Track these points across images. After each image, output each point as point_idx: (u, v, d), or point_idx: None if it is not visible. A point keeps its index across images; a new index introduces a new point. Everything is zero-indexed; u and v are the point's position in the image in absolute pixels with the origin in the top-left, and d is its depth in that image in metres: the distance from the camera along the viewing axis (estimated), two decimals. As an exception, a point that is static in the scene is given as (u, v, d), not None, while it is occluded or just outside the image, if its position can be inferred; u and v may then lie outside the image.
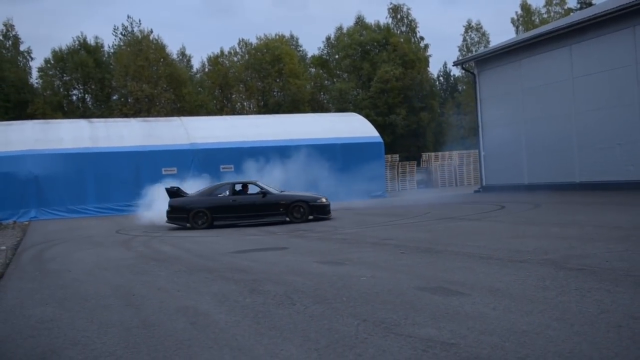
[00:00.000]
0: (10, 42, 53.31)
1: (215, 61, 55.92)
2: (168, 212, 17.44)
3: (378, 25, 58.84)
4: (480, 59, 29.79)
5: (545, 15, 58.24)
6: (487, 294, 5.72)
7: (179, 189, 17.86)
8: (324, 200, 17.59)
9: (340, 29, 60.11)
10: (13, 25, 53.37)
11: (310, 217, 17.11)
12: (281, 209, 17.03)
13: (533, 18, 58.79)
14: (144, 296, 6.87)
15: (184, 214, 17.12)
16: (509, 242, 9.66)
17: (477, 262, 7.74)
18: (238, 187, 17.90)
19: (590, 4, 45.15)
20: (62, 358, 4.48)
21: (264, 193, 17.24)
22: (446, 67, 64.74)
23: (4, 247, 13.89)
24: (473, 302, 5.41)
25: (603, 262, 7.02)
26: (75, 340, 4.97)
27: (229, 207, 17.12)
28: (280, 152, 23.77)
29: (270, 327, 5.00)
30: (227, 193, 17.47)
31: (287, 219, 16.98)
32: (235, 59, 56.69)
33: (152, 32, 52.50)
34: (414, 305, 5.43)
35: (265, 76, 52.51)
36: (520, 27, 58.45)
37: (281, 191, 18.16)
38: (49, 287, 8.07)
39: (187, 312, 5.79)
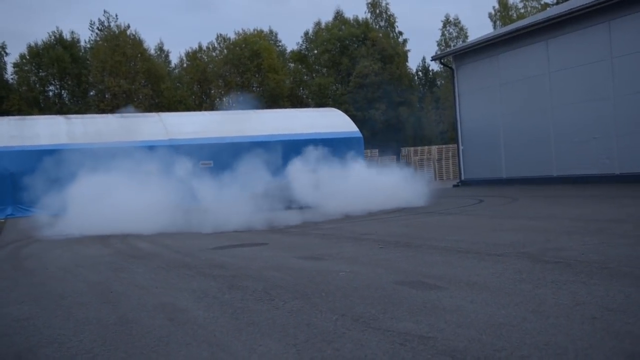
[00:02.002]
0: (-16, 37, 52.53)
1: (193, 56, 55.63)
2: None
3: (357, 20, 58.94)
4: (458, 53, 29.95)
5: (522, 10, 58.73)
6: (464, 287, 5.77)
7: None
8: None
9: (318, 24, 60.17)
10: (-13, 20, 52.61)
11: None
12: None
13: (510, 13, 59.27)
14: (121, 293, 6.82)
15: None
16: (487, 235, 9.74)
17: (455, 256, 7.80)
18: None
19: (567, -1, 45.55)
20: (38, 357, 4.44)
21: None
22: (425, 62, 65.06)
23: (-21, 245, 13.71)
24: (451, 295, 5.45)
25: (579, 255, 7.11)
26: (52, 339, 4.93)
27: None
28: (259, 147, 23.71)
29: (249, 323, 4.99)
30: None
31: None
32: (214, 54, 56.44)
33: (129, 27, 52.12)
34: (393, 300, 5.46)
35: (244, 71, 52.32)
36: (498, 22, 58.93)
37: None
38: (25, 285, 7.98)
39: (165, 309, 5.76)
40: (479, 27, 71.25)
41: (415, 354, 3.85)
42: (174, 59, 61.20)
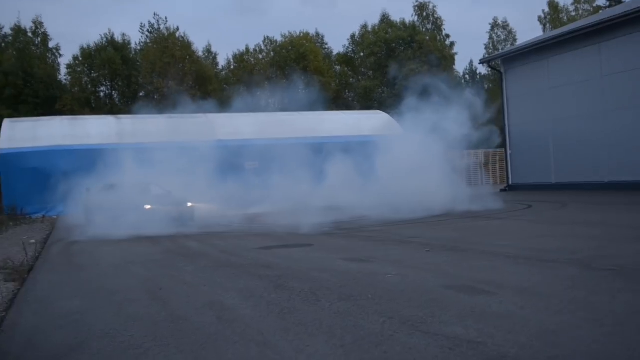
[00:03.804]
0: (39, 39, 54.07)
1: (240, 59, 56.18)
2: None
3: (404, 23, 58.64)
4: (507, 57, 29.50)
5: (573, 13, 57.53)
6: (514, 293, 5.67)
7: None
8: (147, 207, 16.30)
9: (365, 26, 60.01)
10: (42, 23, 54.09)
11: None
12: None
13: (561, 16, 58.10)
14: (171, 290, 6.93)
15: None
16: (536, 241, 9.57)
17: (504, 262, 7.68)
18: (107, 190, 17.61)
19: (620, 1, 44.45)
20: (91, 349, 4.53)
21: None
22: (472, 65, 64.26)
23: (33, 241, 14.09)
24: (500, 301, 5.36)
25: (632, 263, 6.92)
26: (104, 333, 5.03)
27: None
28: (304, 149, 23.75)
29: (296, 323, 5.00)
30: (95, 194, 17.42)
31: None
32: (261, 56, 56.89)
33: (178, 29, 52.93)
34: (440, 304, 5.40)
35: (290, 74, 52.62)
36: (548, 25, 57.83)
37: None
38: (77, 280, 8.18)
39: (213, 307, 5.82)
40: (528, 31, 70.16)
41: (465, 358, 3.81)
42: (222, 61, 61.94)
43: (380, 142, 20.81)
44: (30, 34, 53.52)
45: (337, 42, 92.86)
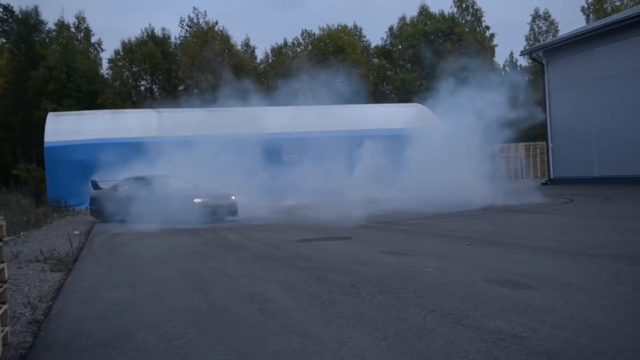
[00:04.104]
0: (82, 34, 55.10)
1: (278, 52, 56.37)
2: (89, 204, 18.75)
3: (442, 14, 58.07)
4: (549, 48, 28.98)
5: (617, 3, 56.18)
6: (558, 287, 5.59)
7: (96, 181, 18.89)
8: (198, 200, 16.09)
9: (403, 18, 59.60)
10: (84, 18, 55.14)
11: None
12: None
13: (605, 6, 56.81)
14: (212, 282, 7.01)
15: (99, 206, 17.97)
16: (579, 235, 9.41)
17: (547, 256, 7.57)
18: (136, 183, 17.48)
19: (667, -9, 43.25)
20: (136, 339, 4.62)
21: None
22: (512, 57, 63.30)
23: (77, 232, 14.39)
24: (544, 295, 5.29)
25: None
26: (148, 323, 5.12)
27: (126, 203, 16.12)
28: (343, 142, 23.72)
29: (337, 315, 5.01)
30: (126, 187, 17.47)
31: None
32: (299, 49, 56.99)
33: (217, 23, 53.33)
34: (482, 298, 5.35)
35: (328, 67, 52.62)
36: (591, 15, 56.61)
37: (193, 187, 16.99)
38: (120, 271, 8.33)
39: (254, 298, 5.87)
40: (570, 22, 68.74)
41: (510, 353, 3.77)
42: (260, 55, 62.24)
43: (417, 135, 20.65)
44: (73, 29, 54.60)
45: (375, 35, 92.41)
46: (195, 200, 15.89)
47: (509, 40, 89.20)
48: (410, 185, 17.38)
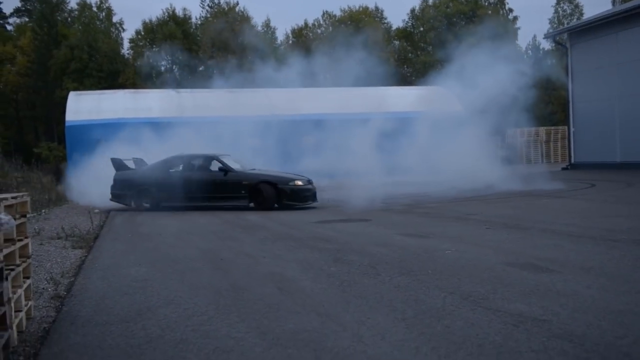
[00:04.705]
0: (103, 13, 55.29)
1: (299, 33, 56.16)
2: (112, 188, 15.23)
3: (465, -4, 57.41)
4: (574, 31, 28.55)
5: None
6: (579, 272, 5.55)
7: (141, 160, 15.78)
8: (299, 182, 14.11)
9: (425, 0, 59.01)
10: (106, -3, 55.24)
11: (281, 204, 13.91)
12: (243, 191, 14.03)
13: (632, -12, 55.79)
14: (231, 261, 7.05)
15: (128, 190, 14.94)
16: (600, 220, 9.31)
17: (567, 240, 7.51)
18: (196, 162, 15.06)
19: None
20: (157, 315, 4.66)
21: (225, 170, 14.31)
22: (535, 41, 62.47)
23: (97, 210, 14.54)
24: (565, 279, 5.25)
25: None
26: (169, 300, 5.16)
27: (179, 185, 14.21)
28: (360, 124, 23.64)
29: (356, 296, 5.02)
30: (181, 168, 14.85)
31: (251, 204, 14.05)
32: (319, 31, 56.73)
33: (237, 3, 53.20)
34: (502, 280, 5.33)
35: (349, 48, 52.34)
36: (618, -3, 55.59)
37: (252, 169, 15.04)
38: (141, 249, 8.41)
39: (274, 278, 5.90)
40: (595, 5, 67.57)
41: (530, 335, 3.75)
42: (280, 36, 62.04)
43: (435, 118, 20.47)
44: (95, 9, 54.77)
45: (397, 17, 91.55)
46: (297, 183, 14.07)
47: (533, 24, 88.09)
48: (429, 169, 17.28)
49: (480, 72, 18.49)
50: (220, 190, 14.21)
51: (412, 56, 58.09)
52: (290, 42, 57.02)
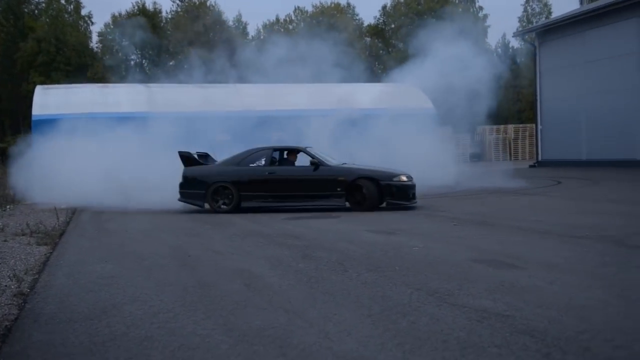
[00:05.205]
0: (72, 6, 54.44)
1: (270, 28, 56.01)
2: (180, 186, 12.89)
3: (436, -7, 57.78)
4: (542, 30, 28.95)
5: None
6: (544, 268, 5.63)
7: (207, 155, 13.84)
8: (403, 178, 12.03)
9: (397, -3, 59.30)
10: (75, -10, 54.43)
11: (384, 203, 11.93)
12: (338, 189, 11.96)
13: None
14: (199, 257, 7.01)
15: (201, 189, 12.63)
16: (566, 217, 9.47)
17: (533, 237, 7.62)
18: (281, 155, 13.13)
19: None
20: (122, 312, 4.61)
21: (315, 164, 12.24)
22: (505, 39, 63.14)
23: (64, 206, 14.32)
24: (529, 275, 5.33)
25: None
26: (135, 297, 5.12)
27: (263, 183, 12.37)
28: (330, 120, 23.64)
29: (324, 292, 5.03)
30: (264, 162, 12.61)
31: (347, 203, 12.04)
32: (291, 26, 56.63)
33: (209, -2, 52.83)
34: (468, 277, 5.39)
35: (320, 45, 52.37)
36: (585, -3, 56.46)
37: (343, 163, 12.95)
38: (107, 246, 8.31)
39: (241, 275, 5.88)
40: (564, 4, 68.59)
41: (494, 331, 3.80)
42: (252, 32, 61.91)
43: (400, 114, 20.50)
44: (63, 1, 53.90)
45: (369, 14, 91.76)
46: (402, 178, 12.01)
47: (502, 22, 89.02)
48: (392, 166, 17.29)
49: (448, 69, 18.62)
50: (310, 188, 12.20)
51: (383, 53, 58.28)
52: (262, 37, 56.84)
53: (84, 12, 55.03)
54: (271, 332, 3.98)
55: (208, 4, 52.62)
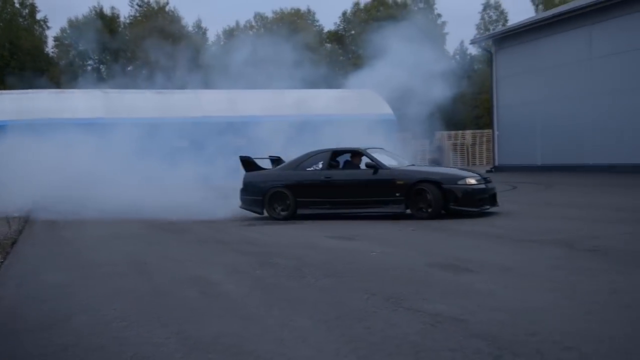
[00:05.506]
0: (26, 10, 53.35)
1: (230, 34, 55.79)
2: (240, 192, 12.18)
3: (396, 1, 58.42)
4: (498, 37, 29.48)
5: (565, -5, 57.40)
6: (497, 272, 5.73)
7: (279, 158, 12.77)
8: (471, 181, 10.67)
9: (357, 4, 59.71)
10: (30, -6, 53.35)
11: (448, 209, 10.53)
12: (397, 194, 10.68)
13: (553, -3, 57.92)
14: (155, 265, 6.93)
15: (258, 195, 11.81)
16: (520, 222, 9.64)
17: (489, 241, 7.74)
18: (340, 158, 12.06)
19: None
20: (74, 323, 4.53)
21: (373, 167, 11.05)
22: (463, 46, 64.11)
23: (16, 215, 13.99)
24: (483, 279, 5.41)
25: (614, 244, 7.00)
26: (87, 306, 5.03)
27: (319, 188, 11.39)
28: (290, 126, 23.64)
29: (280, 299, 5.03)
30: (321, 166, 11.62)
31: (408, 210, 10.74)
32: (251, 32, 56.51)
33: (168, 3, 52.40)
34: (424, 281, 5.45)
35: (280, 50, 52.40)
36: (540, 5, 57.69)
37: (409, 165, 11.97)
38: (61, 254, 8.16)
39: (198, 282, 5.83)
40: (520, 12, 69.94)
41: (447, 335, 3.84)
42: (211, 37, 61.51)
43: (356, 120, 20.55)
44: (17, 5, 52.78)
45: (329, 20, 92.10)
46: (469, 182, 10.67)
47: (461, 29, 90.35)
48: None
49: (406, 76, 18.82)
50: (369, 193, 11.04)
51: (343, 59, 58.56)
52: (222, 43, 56.60)
53: (39, 16, 53.99)
54: (226, 340, 3.95)
55: (167, 9, 52.19)
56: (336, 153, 11.96)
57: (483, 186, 10.78)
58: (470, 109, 53.12)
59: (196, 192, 13.63)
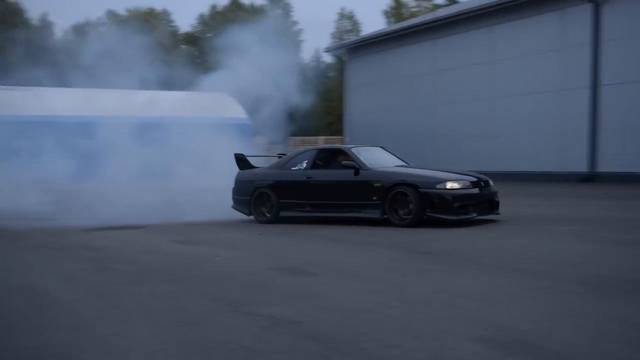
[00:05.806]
0: None
1: (79, 30, 53.26)
2: (232, 192, 11.60)
3: (252, 6, 58.64)
4: (351, 47, 30.44)
5: (415, 9, 60.34)
6: (334, 274, 5.90)
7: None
8: (452, 185, 9.49)
9: (214, 7, 59.28)
10: None
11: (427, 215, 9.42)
12: (374, 197, 9.74)
13: (403, 11, 60.75)
14: (-20, 274, 6.45)
15: (246, 195, 11.21)
16: (363, 227, 9.92)
17: (331, 245, 7.99)
18: (323, 157, 10.95)
19: (456, 2, 47.32)
20: None
21: (354, 167, 10.09)
22: (318, 54, 65.54)
23: None
24: (321, 282, 5.56)
25: (444, 246, 7.47)
26: None
27: (300, 189, 10.63)
28: (143, 128, 22.94)
29: (115, 306, 4.86)
30: (305, 165, 10.84)
31: (385, 215, 9.64)
32: (102, 29, 54.32)
33: (9, -8, 49.09)
34: (265, 285, 5.50)
35: (132, 49, 50.79)
36: (392, 18, 60.27)
37: (400, 165, 10.92)
38: None
39: (24, 291, 5.49)
40: (373, 23, 72.81)
41: (280, 337, 3.90)
42: (58, 33, 58.35)
43: (206, 124, 20.23)
44: None
45: (185, 21, 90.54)
46: (449, 186, 9.46)
47: (317, 37, 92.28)
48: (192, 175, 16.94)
49: (259, 80, 18.92)
50: (349, 195, 10.12)
51: (199, 61, 57.85)
52: (70, 39, 53.90)
53: None
54: (51, 352, 3.76)
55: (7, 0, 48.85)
56: (323, 151, 11.22)
57: (473, 191, 9.66)
58: (323, 115, 54.38)
59: (33, 196, 12.88)
